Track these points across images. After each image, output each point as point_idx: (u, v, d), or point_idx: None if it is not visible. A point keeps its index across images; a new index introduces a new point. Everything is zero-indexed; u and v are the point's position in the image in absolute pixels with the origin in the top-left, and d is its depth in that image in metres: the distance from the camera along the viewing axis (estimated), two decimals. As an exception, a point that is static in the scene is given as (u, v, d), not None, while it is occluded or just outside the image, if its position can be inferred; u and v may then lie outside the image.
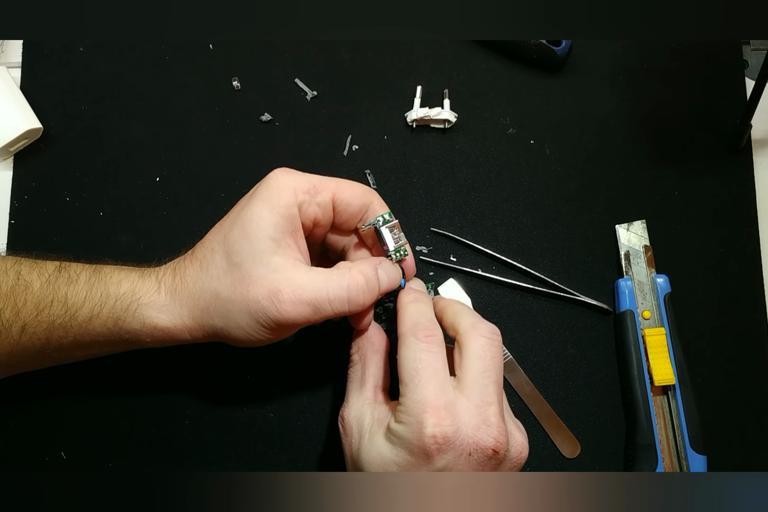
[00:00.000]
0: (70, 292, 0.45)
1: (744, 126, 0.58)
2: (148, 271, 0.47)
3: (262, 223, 0.43)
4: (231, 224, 0.45)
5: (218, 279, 0.44)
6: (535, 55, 0.61)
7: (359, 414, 0.45)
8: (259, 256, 0.43)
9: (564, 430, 0.56)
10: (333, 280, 0.44)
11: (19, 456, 0.55)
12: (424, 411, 0.40)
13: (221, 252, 0.45)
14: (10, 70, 0.61)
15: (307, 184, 0.45)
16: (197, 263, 0.46)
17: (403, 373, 0.42)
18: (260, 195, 0.44)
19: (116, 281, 0.46)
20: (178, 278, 0.46)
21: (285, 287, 0.43)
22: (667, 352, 0.55)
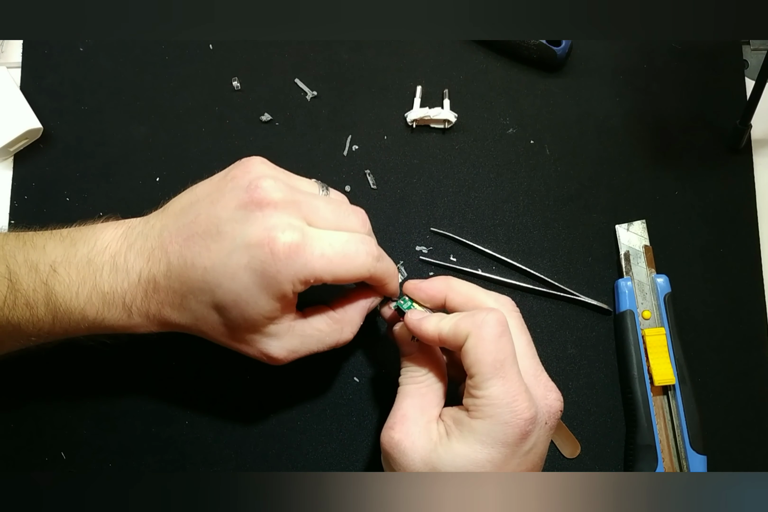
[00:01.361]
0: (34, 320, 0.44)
1: (744, 126, 0.58)
2: (108, 291, 0.44)
3: (258, 309, 0.42)
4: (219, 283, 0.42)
5: (205, 326, 0.44)
6: (535, 55, 0.61)
7: (424, 432, 0.43)
8: (254, 328, 0.44)
9: (564, 430, 0.56)
10: (325, 341, 0.46)
11: (19, 456, 0.55)
12: (515, 400, 0.40)
13: (208, 304, 0.43)
14: (10, 70, 0.61)
15: (309, 275, 0.42)
16: (177, 299, 0.44)
17: (482, 368, 0.41)
18: (256, 281, 0.41)
19: (78, 308, 0.44)
20: (153, 306, 0.44)
21: (279, 354, 0.45)
22: (667, 352, 0.55)
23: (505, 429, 0.40)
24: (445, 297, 0.47)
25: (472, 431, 0.41)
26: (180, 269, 0.43)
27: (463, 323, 0.42)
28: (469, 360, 0.42)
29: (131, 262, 0.44)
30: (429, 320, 0.45)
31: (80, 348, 0.56)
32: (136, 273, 0.44)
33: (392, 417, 0.44)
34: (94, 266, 0.44)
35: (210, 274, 0.42)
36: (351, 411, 0.56)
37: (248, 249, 0.41)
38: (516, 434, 0.40)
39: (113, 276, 0.44)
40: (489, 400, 0.41)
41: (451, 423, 0.43)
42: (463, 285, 0.47)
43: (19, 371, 0.55)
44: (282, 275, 0.41)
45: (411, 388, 0.46)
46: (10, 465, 0.55)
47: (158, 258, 0.44)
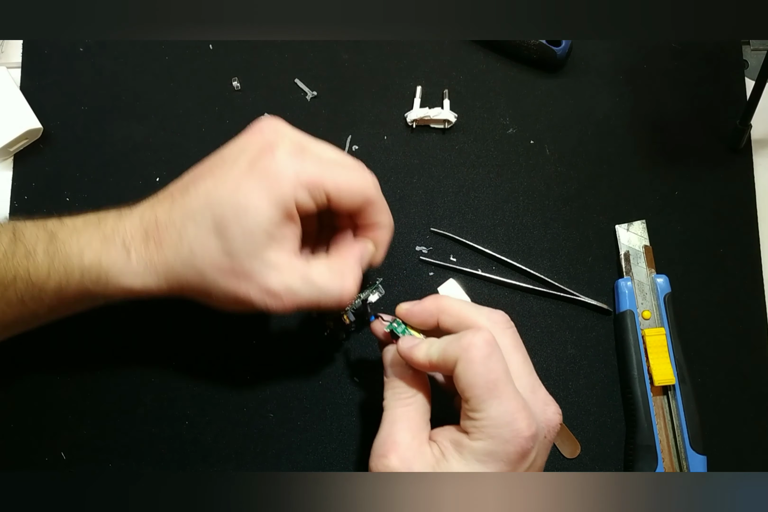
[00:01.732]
0: (31, 267, 0.43)
1: (744, 126, 0.58)
2: (110, 232, 0.44)
3: (259, 217, 0.41)
4: (221, 204, 0.42)
5: (203, 260, 0.43)
6: (535, 55, 0.61)
7: (419, 456, 0.42)
8: (254, 250, 0.42)
9: (564, 430, 0.56)
10: (329, 290, 0.44)
11: (19, 456, 0.55)
12: (515, 419, 0.40)
13: (207, 227, 0.42)
14: (10, 70, 0.61)
15: (308, 179, 0.42)
16: (176, 231, 0.43)
17: (476, 391, 0.40)
18: (259, 183, 0.42)
19: (77, 251, 0.43)
20: (152, 245, 0.43)
21: (279, 289, 0.43)
22: (667, 352, 0.55)
23: (506, 448, 0.39)
24: (437, 320, 0.45)
25: (472, 452, 0.40)
26: (182, 200, 0.43)
27: (451, 348, 0.41)
28: (462, 385, 0.41)
29: (136, 210, 0.45)
30: (419, 348, 0.43)
31: (80, 348, 0.56)
32: (138, 215, 0.45)
33: (383, 444, 0.43)
34: (100, 216, 0.45)
35: (211, 193, 0.42)
36: (351, 412, 0.56)
37: (250, 160, 0.42)
38: (517, 452, 0.40)
39: (116, 221, 0.45)
40: (488, 421, 0.40)
41: (448, 444, 0.42)
42: (455, 304, 0.45)
43: (19, 371, 0.56)
44: (283, 174, 0.42)
45: (399, 412, 0.44)
46: (10, 465, 0.55)
47: (161, 200, 0.45)
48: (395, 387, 0.45)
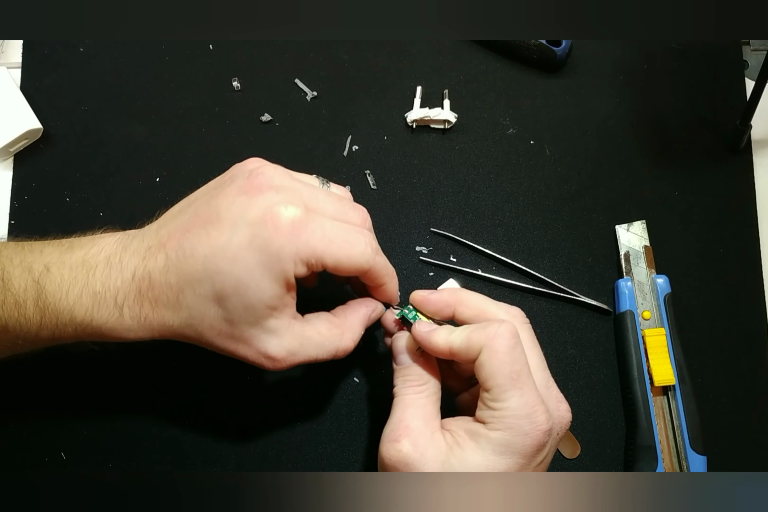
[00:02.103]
0: (21, 318, 0.43)
1: (744, 126, 0.58)
2: (100, 289, 0.43)
3: (260, 293, 0.41)
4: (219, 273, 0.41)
5: (202, 324, 0.43)
6: (535, 55, 0.61)
7: (431, 443, 0.42)
8: (254, 320, 0.42)
9: (564, 430, 0.56)
10: (325, 347, 0.45)
11: (19, 456, 0.55)
12: (533, 410, 0.40)
13: (207, 296, 0.42)
14: (10, 70, 0.61)
15: (310, 254, 0.41)
16: (173, 295, 0.42)
17: (500, 380, 0.40)
18: (259, 257, 0.41)
19: (68, 308, 0.43)
20: (147, 305, 0.43)
21: (278, 354, 0.44)
22: (667, 353, 0.55)
23: (524, 440, 0.40)
24: (453, 311, 0.45)
25: (490, 442, 0.40)
26: (178, 262, 0.42)
27: (476, 336, 0.42)
28: (485, 374, 0.41)
29: (126, 261, 0.43)
30: (439, 333, 0.44)
31: (81, 349, 0.56)
32: (131, 271, 0.43)
33: (395, 429, 0.42)
34: (88, 266, 0.44)
35: (210, 261, 0.41)
36: (351, 412, 0.56)
37: (250, 227, 0.41)
38: (534, 445, 0.40)
39: (106, 275, 0.43)
40: (508, 412, 0.40)
41: (462, 433, 0.42)
42: (473, 297, 0.46)
43: (19, 371, 0.55)
44: (285, 253, 0.41)
45: (411, 398, 0.44)
46: (10, 465, 0.55)
47: (155, 255, 0.43)
48: (407, 375, 0.45)
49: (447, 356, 0.43)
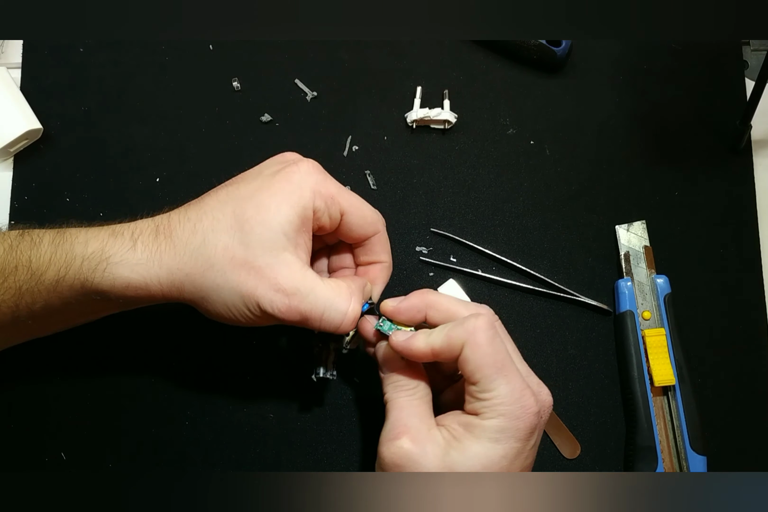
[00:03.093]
0: (33, 256, 0.43)
1: (744, 126, 0.58)
2: (120, 228, 0.45)
3: (279, 217, 0.43)
4: (243, 201, 0.44)
5: (215, 249, 0.43)
6: (535, 55, 0.61)
7: (430, 439, 0.42)
8: (271, 247, 0.43)
9: (564, 431, 0.56)
10: (334, 302, 0.44)
11: (19, 457, 0.55)
12: (522, 395, 0.41)
13: (226, 219, 0.43)
14: (10, 70, 0.61)
15: (327, 192, 0.45)
16: (190, 225, 0.44)
17: (486, 371, 0.41)
18: (282, 187, 0.44)
19: (83, 241, 0.44)
20: (162, 237, 0.44)
21: (288, 288, 0.43)
22: (667, 353, 0.55)
23: (517, 424, 0.41)
24: (425, 315, 0.46)
25: (485, 430, 0.41)
26: (199, 202, 0.46)
27: (455, 333, 0.42)
28: (470, 367, 0.42)
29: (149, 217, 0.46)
30: (417, 338, 0.44)
31: (80, 348, 0.56)
32: (152, 218, 0.46)
33: (393, 429, 0.43)
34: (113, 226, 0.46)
35: (233, 193, 0.45)
36: (351, 412, 0.56)
37: (274, 171, 0.45)
38: (527, 428, 0.41)
39: (127, 223, 0.46)
40: (499, 400, 0.41)
41: (457, 427, 0.43)
42: (442, 299, 0.46)
43: (19, 372, 0.56)
44: (305, 183, 0.44)
45: (404, 400, 0.45)
46: (10, 465, 0.55)
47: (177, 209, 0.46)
48: (395, 381, 0.46)
49: (430, 358, 0.44)
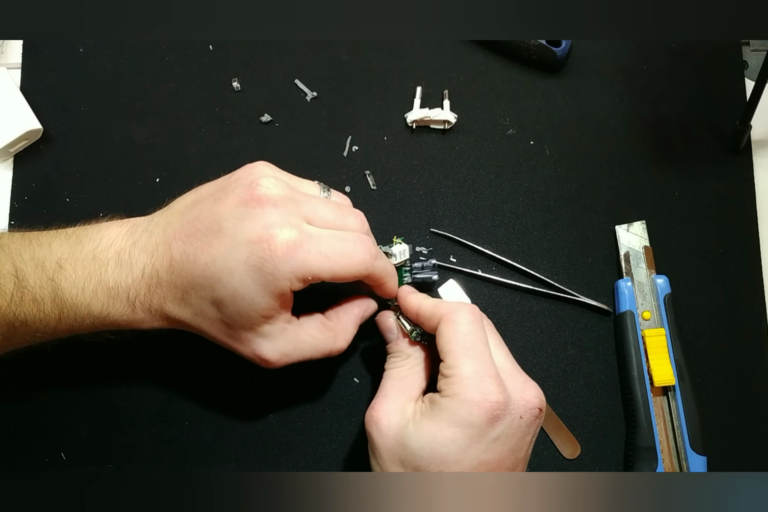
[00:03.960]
0: (40, 314, 0.44)
1: (744, 127, 0.58)
2: (113, 286, 0.45)
3: (254, 306, 0.43)
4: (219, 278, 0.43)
5: (204, 322, 0.46)
6: (535, 55, 0.61)
7: (400, 410, 0.45)
8: (249, 325, 0.45)
9: (564, 431, 0.56)
10: (318, 348, 0.48)
11: (18, 457, 0.55)
12: (482, 380, 0.42)
13: (208, 300, 0.44)
14: (10, 71, 0.61)
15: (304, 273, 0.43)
16: (179, 294, 0.45)
17: (454, 346, 0.44)
18: (255, 275, 0.42)
19: (84, 303, 0.45)
20: (157, 302, 0.46)
21: (271, 356, 0.46)
22: (667, 353, 0.55)
23: (470, 408, 0.41)
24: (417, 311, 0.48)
25: (441, 409, 0.42)
26: (182, 265, 0.44)
27: (442, 305, 0.46)
28: (442, 340, 0.44)
29: (135, 258, 0.45)
30: (416, 295, 0.49)
31: (80, 348, 0.56)
32: (140, 268, 0.45)
33: (375, 398, 0.47)
34: (99, 262, 0.45)
35: (210, 269, 0.43)
36: (351, 412, 0.56)
37: (247, 245, 0.42)
38: (482, 415, 0.41)
39: (118, 272, 0.45)
40: (458, 379, 0.42)
41: (427, 402, 0.45)
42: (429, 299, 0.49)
43: (19, 372, 0.55)
44: (280, 273, 0.42)
45: (393, 372, 0.49)
46: (10, 465, 0.55)
47: (162, 255, 0.45)
48: (392, 352, 0.50)
49: (413, 316, 0.48)
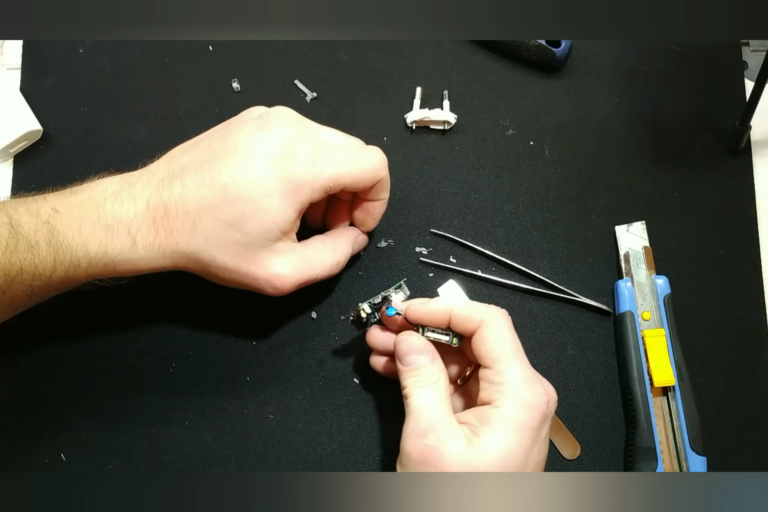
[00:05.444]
0: (36, 260, 0.43)
1: (743, 127, 0.58)
2: (112, 222, 0.44)
3: (277, 217, 0.45)
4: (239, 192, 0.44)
5: (216, 247, 0.45)
6: (535, 56, 0.61)
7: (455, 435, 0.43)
8: (267, 242, 0.46)
9: (564, 431, 0.56)
10: (324, 262, 0.50)
11: (18, 458, 0.55)
12: (533, 383, 0.43)
13: (225, 220, 0.45)
14: (10, 71, 0.61)
15: (326, 182, 0.46)
16: (189, 221, 0.45)
17: (504, 353, 0.44)
18: (279, 183, 0.45)
19: (81, 242, 0.44)
20: (162, 232, 0.45)
21: (285, 272, 0.47)
22: (666, 353, 0.55)
23: (531, 411, 0.42)
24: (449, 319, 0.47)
25: (501, 420, 0.42)
26: (196, 189, 0.45)
27: (479, 308, 0.46)
28: (487, 347, 0.44)
29: (137, 193, 0.45)
30: (434, 301, 0.47)
31: (80, 348, 0.56)
32: (144, 202, 0.45)
33: (418, 425, 0.43)
34: (96, 202, 0.45)
35: (230, 187, 0.44)
36: (351, 413, 0.56)
37: (269, 158, 0.45)
38: (539, 416, 0.42)
39: (117, 208, 0.45)
40: (513, 384, 0.42)
41: (474, 422, 0.43)
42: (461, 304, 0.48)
43: (18, 372, 0.56)
44: (303, 179, 0.45)
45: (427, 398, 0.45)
46: (10, 466, 0.55)
47: (169, 185, 0.45)
48: (416, 375, 0.46)
49: (444, 320, 0.46)
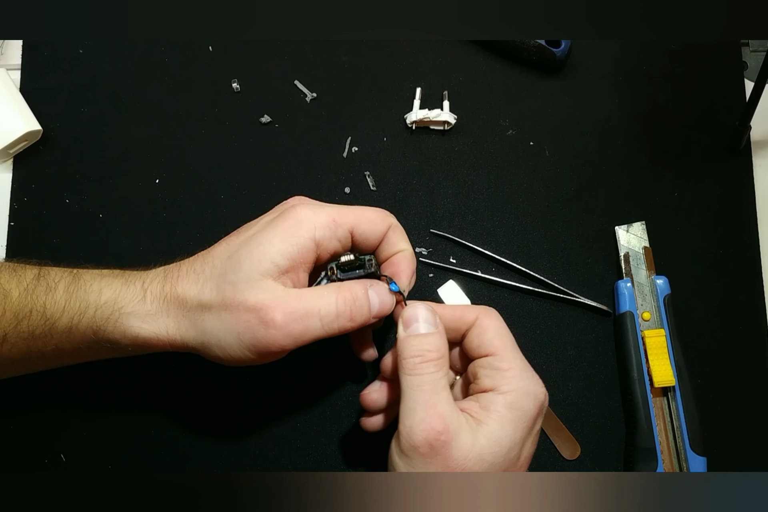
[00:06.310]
0: (48, 302, 0.44)
1: (743, 127, 0.58)
2: (132, 277, 0.46)
3: (269, 248, 0.43)
4: (239, 245, 0.45)
5: (209, 293, 0.44)
6: (535, 56, 0.61)
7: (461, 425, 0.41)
8: (254, 279, 0.43)
9: (564, 432, 0.56)
10: (322, 297, 0.43)
11: (18, 458, 0.55)
12: (533, 375, 0.44)
13: (220, 269, 0.44)
14: (10, 72, 0.61)
15: (327, 219, 0.45)
16: (194, 275, 0.45)
17: (506, 341, 0.44)
18: (277, 225, 0.44)
19: (97, 289, 0.45)
20: (168, 287, 0.45)
21: (275, 305, 0.42)
22: (666, 354, 0.55)
23: (532, 401, 0.42)
24: None
25: (504, 405, 0.42)
26: (206, 254, 0.46)
27: (469, 308, 0.46)
28: (489, 335, 0.44)
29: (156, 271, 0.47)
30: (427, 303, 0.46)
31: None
32: (163, 267, 0.47)
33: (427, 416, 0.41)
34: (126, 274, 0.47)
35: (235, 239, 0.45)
36: (351, 413, 0.56)
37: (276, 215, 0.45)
38: (538, 406, 0.43)
39: (141, 271, 0.47)
40: (517, 371, 0.43)
41: (478, 409, 0.42)
42: None
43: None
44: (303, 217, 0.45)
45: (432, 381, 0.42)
46: (10, 466, 0.55)
47: (188, 259, 0.47)
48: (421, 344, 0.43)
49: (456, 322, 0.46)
